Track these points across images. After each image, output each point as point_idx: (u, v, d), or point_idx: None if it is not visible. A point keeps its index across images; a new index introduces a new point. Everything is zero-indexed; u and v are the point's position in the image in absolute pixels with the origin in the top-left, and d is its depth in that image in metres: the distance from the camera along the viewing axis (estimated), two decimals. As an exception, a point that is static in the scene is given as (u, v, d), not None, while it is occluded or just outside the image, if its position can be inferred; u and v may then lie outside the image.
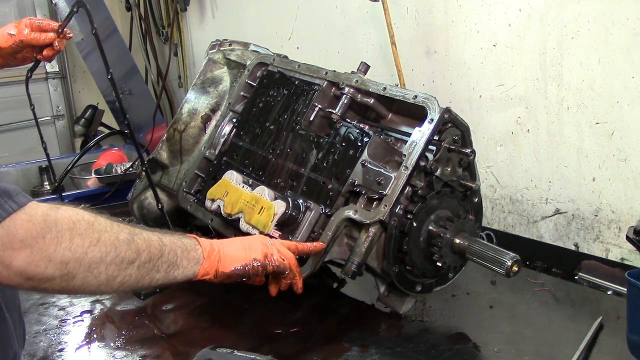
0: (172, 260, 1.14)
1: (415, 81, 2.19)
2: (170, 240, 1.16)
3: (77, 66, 4.19)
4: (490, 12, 1.94)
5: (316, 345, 1.43)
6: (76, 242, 0.97)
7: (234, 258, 1.26)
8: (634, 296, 1.25)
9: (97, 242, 1.00)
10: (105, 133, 3.55)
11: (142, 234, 1.10)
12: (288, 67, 1.74)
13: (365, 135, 1.45)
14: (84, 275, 1.00)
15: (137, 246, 1.07)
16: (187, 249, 1.18)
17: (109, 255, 1.02)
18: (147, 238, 1.10)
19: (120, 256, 1.04)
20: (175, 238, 1.18)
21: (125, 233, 1.06)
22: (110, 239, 1.02)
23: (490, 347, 1.41)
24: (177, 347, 1.47)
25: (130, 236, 1.06)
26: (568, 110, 1.77)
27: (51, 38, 1.70)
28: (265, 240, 1.33)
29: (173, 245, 1.15)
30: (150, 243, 1.10)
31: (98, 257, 1.00)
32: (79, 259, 0.98)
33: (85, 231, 0.99)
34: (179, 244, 1.17)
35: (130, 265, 1.05)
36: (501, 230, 2.01)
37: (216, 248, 1.24)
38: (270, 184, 1.59)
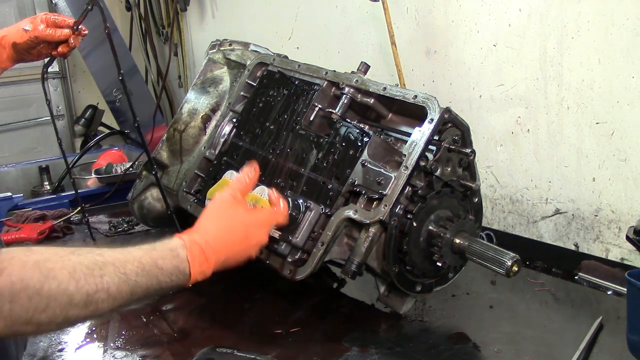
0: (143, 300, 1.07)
1: (415, 81, 2.19)
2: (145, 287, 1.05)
3: (77, 66, 4.19)
4: (490, 12, 1.94)
5: (316, 345, 1.43)
6: (18, 311, 0.90)
7: (228, 258, 1.20)
8: (634, 296, 1.25)
9: (44, 309, 0.92)
10: (105, 133, 3.55)
11: (108, 288, 0.99)
12: (288, 67, 1.74)
13: (365, 135, 1.45)
14: (34, 331, 0.96)
15: (96, 305, 0.98)
16: (164, 289, 1.10)
17: (58, 318, 0.95)
18: (114, 291, 0.99)
19: (73, 315, 0.96)
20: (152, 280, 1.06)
21: (82, 294, 0.95)
22: (61, 304, 0.94)
23: (490, 347, 1.41)
24: (177, 347, 1.47)
25: (87, 298, 0.96)
26: (568, 110, 1.77)
27: (66, 34, 1.70)
28: (252, 226, 1.26)
29: (147, 292, 1.06)
30: (115, 297, 1.00)
31: (46, 320, 0.93)
32: (23, 323, 0.92)
33: (29, 299, 0.90)
34: (155, 288, 1.07)
35: (86, 317, 0.99)
36: (501, 230, 2.01)
37: (204, 254, 1.15)
38: (270, 184, 1.59)
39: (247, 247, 1.25)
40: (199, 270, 1.13)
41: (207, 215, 1.23)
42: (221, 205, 1.26)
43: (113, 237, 2.30)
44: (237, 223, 1.24)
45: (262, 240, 1.29)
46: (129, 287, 1.02)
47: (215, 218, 1.23)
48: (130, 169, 2.76)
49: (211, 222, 1.22)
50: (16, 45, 1.67)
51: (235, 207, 1.26)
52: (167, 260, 1.08)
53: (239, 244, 1.23)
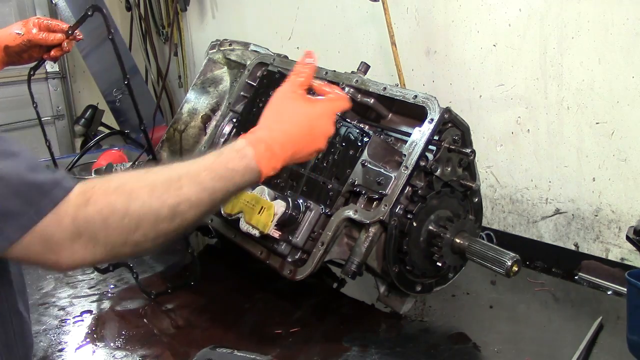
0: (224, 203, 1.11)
1: (415, 81, 2.19)
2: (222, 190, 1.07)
3: (77, 66, 4.19)
4: (490, 12, 1.94)
5: (316, 345, 1.43)
6: (113, 235, 0.96)
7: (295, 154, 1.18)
8: (634, 296, 1.25)
9: (136, 229, 0.98)
10: (105, 133, 3.55)
11: (189, 198, 1.02)
12: (288, 67, 1.74)
13: (365, 135, 1.45)
14: (133, 251, 1.01)
15: (182, 217, 1.02)
16: (240, 188, 1.11)
17: (151, 235, 1.00)
18: (195, 200, 1.03)
19: (163, 230, 1.01)
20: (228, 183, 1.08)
21: (166, 207, 0.99)
22: (150, 221, 0.99)
23: (490, 347, 1.41)
24: (177, 347, 1.47)
25: (172, 211, 1.00)
26: (568, 110, 1.77)
27: (60, 39, 1.69)
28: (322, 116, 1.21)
29: (225, 194, 1.09)
30: (198, 205, 1.03)
31: (141, 239, 0.99)
32: (121, 245, 0.98)
33: (120, 222, 0.96)
34: (232, 189, 1.09)
35: (176, 229, 1.03)
36: (501, 230, 2.01)
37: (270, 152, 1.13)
38: (270, 183, 1.59)
39: (313, 139, 1.20)
40: (268, 165, 1.12)
41: (269, 112, 1.21)
42: (282, 100, 1.22)
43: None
44: (300, 116, 1.20)
45: (328, 131, 1.23)
46: (208, 194, 1.04)
47: (277, 113, 1.21)
48: (130, 169, 2.76)
49: (273, 118, 1.20)
50: (8, 48, 1.66)
51: (296, 100, 1.22)
52: (237, 162, 1.10)
53: (305, 136, 1.19)
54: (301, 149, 1.19)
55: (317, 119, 1.21)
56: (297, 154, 1.18)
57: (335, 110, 1.24)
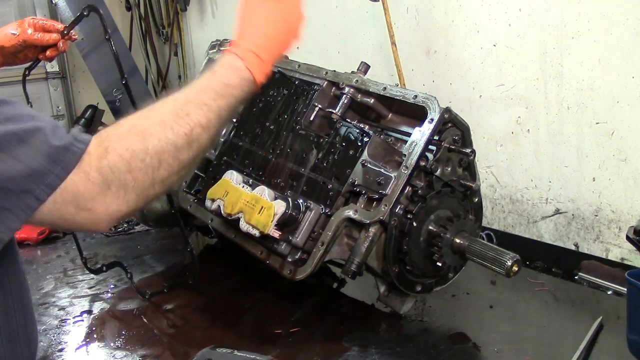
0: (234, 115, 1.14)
1: (415, 81, 2.19)
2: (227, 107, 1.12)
3: (77, 66, 4.19)
4: (490, 12, 1.94)
5: (316, 345, 1.43)
6: (140, 177, 0.98)
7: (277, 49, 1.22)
8: (634, 296, 1.25)
9: (159, 165, 1.00)
10: (105, 133, 3.55)
11: (199, 122, 1.06)
12: (288, 67, 1.74)
13: (365, 135, 1.45)
14: (163, 189, 1.03)
15: (197, 141, 1.05)
16: (243, 99, 1.16)
17: (174, 167, 1.02)
18: (205, 122, 1.07)
19: (185, 159, 1.04)
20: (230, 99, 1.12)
21: (181, 136, 1.03)
22: (170, 153, 1.01)
23: (490, 347, 1.41)
24: (177, 347, 1.47)
25: (187, 138, 1.03)
26: (568, 110, 1.77)
27: (55, 39, 1.69)
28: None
29: (231, 109, 1.13)
30: (208, 127, 1.07)
31: (166, 174, 1.01)
32: (150, 185, 1.00)
33: (142, 162, 0.98)
34: (236, 103, 1.14)
35: (196, 155, 1.06)
36: (501, 230, 2.01)
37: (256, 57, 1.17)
38: (270, 183, 1.59)
39: (290, 33, 1.25)
40: (260, 72, 1.17)
41: (245, 20, 1.25)
42: (249, 3, 1.27)
43: (113, 237, 2.30)
44: (272, 14, 1.25)
45: (300, 18, 1.27)
46: (215, 114, 1.08)
47: (250, 19, 1.25)
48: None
49: (249, 24, 1.24)
50: (3, 49, 1.66)
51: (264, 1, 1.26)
52: (232, 76, 1.14)
53: (283, 32, 1.24)
54: (282, 45, 1.24)
55: (288, 13, 1.26)
56: (280, 50, 1.23)
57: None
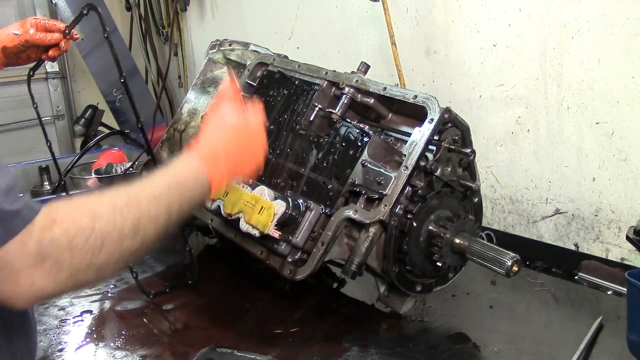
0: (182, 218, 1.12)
1: (415, 81, 2.19)
2: (177, 204, 1.10)
3: (77, 66, 4.19)
4: (490, 12, 1.94)
5: (316, 345, 1.43)
6: (78, 257, 0.94)
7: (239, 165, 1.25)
8: (634, 296, 1.25)
9: (101, 248, 0.96)
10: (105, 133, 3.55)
11: (148, 213, 1.04)
12: (288, 67, 1.74)
13: (365, 135, 1.45)
14: (95, 277, 0.99)
15: (143, 232, 1.02)
16: (194, 203, 1.15)
17: (115, 255, 0.99)
18: (154, 214, 1.04)
19: (127, 248, 1.00)
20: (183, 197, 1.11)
21: (129, 223, 1.00)
22: (114, 238, 0.98)
23: (490, 347, 1.41)
24: (177, 347, 1.47)
25: (134, 226, 1.01)
26: (568, 110, 1.77)
27: (57, 39, 1.69)
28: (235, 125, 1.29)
29: (180, 208, 1.11)
30: (157, 220, 1.05)
31: (104, 260, 0.97)
32: (85, 268, 0.95)
33: (85, 241, 0.94)
34: (186, 204, 1.12)
35: (138, 249, 1.03)
36: (501, 230, 2.01)
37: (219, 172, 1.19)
38: (270, 183, 1.59)
39: (252, 153, 1.28)
40: (216, 178, 1.17)
41: (208, 128, 1.28)
42: (217, 115, 1.30)
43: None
44: (237, 132, 1.27)
45: (263, 138, 1.30)
46: (165, 207, 1.06)
47: (215, 128, 1.28)
48: (130, 169, 2.76)
49: (212, 132, 1.27)
50: (6, 49, 1.66)
51: (230, 113, 1.29)
52: (188, 175, 1.14)
53: (247, 145, 1.27)
54: (242, 161, 1.26)
55: (255, 130, 1.29)
56: (239, 166, 1.25)
57: (261, 117, 1.32)
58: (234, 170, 1.23)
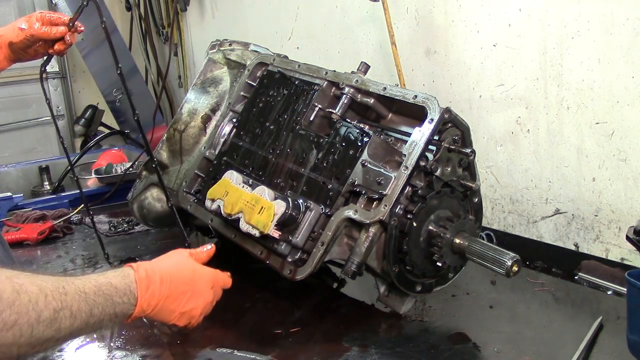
0: (97, 327, 1.09)
1: (415, 81, 2.19)
2: (101, 307, 1.07)
3: (77, 66, 4.19)
4: (490, 12, 1.94)
5: (316, 345, 1.43)
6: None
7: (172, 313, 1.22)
8: (634, 296, 1.25)
9: (12, 326, 0.91)
10: (105, 133, 3.55)
11: (70, 305, 1.01)
12: (288, 67, 1.74)
13: (365, 135, 1.45)
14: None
15: (59, 324, 0.99)
16: (117, 313, 1.11)
17: (23, 337, 0.94)
18: (75, 310, 1.01)
19: (37, 335, 0.96)
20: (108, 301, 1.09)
21: (49, 310, 0.97)
22: (30, 320, 0.94)
23: (490, 347, 1.41)
24: (177, 347, 1.47)
25: (53, 315, 0.97)
26: (568, 110, 1.77)
27: (62, 32, 1.68)
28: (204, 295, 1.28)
29: (103, 314, 1.08)
30: (76, 317, 1.02)
31: (10, 340, 0.92)
32: None
33: (0, 314, 0.90)
34: (109, 311, 1.09)
35: (46, 341, 0.99)
36: (501, 230, 2.01)
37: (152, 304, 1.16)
38: (270, 184, 1.59)
39: (193, 293, 1.23)
40: (145, 292, 1.14)
41: (160, 257, 1.27)
42: (175, 252, 1.30)
43: (113, 237, 2.30)
44: (185, 265, 1.27)
45: (208, 297, 1.27)
46: (88, 307, 1.03)
47: (165, 258, 1.27)
48: (130, 169, 2.76)
49: (162, 259, 1.26)
50: (12, 44, 1.66)
51: (187, 258, 1.29)
52: (119, 279, 1.12)
53: (184, 283, 1.23)
54: (178, 294, 1.21)
55: (199, 276, 1.26)
56: (172, 297, 1.19)
57: (219, 281, 1.31)
58: (167, 296, 1.19)
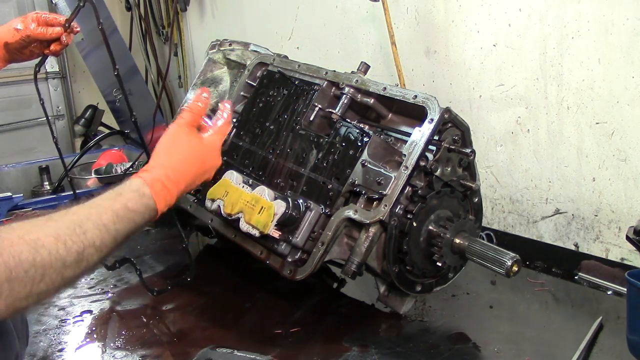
0: (125, 243, 1.12)
1: (415, 81, 2.19)
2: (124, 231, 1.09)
3: (77, 66, 4.19)
4: (490, 12, 1.94)
5: (316, 345, 1.43)
6: (17, 288, 0.91)
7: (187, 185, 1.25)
8: (634, 296, 1.25)
9: (41, 278, 0.94)
10: (105, 133, 3.55)
11: (93, 242, 1.02)
12: (288, 67, 1.74)
13: (365, 135, 1.45)
14: (35, 303, 0.97)
15: (87, 261, 1.01)
16: (140, 226, 1.14)
17: (55, 284, 0.97)
18: (99, 244, 1.03)
19: (68, 277, 0.99)
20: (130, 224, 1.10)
21: (72, 253, 0.98)
22: (56, 269, 0.96)
23: (490, 347, 1.41)
24: (177, 347, 1.47)
25: (78, 257, 0.99)
26: (568, 110, 1.78)
27: (58, 32, 1.67)
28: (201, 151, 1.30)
29: (126, 235, 1.11)
30: (101, 249, 1.04)
31: (44, 288, 0.95)
32: (24, 297, 0.93)
33: (25, 273, 0.92)
34: (133, 229, 1.12)
35: (81, 275, 1.03)
36: (501, 230, 2.01)
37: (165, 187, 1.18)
38: (270, 183, 1.59)
39: (203, 172, 1.30)
40: (164, 203, 1.18)
41: (163, 149, 1.27)
42: (175, 137, 1.29)
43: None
44: (191, 152, 1.28)
45: (216, 164, 1.33)
46: (111, 236, 1.06)
47: (170, 151, 1.27)
48: (130, 169, 2.76)
49: (167, 155, 1.26)
50: (8, 45, 1.65)
51: (188, 136, 1.29)
52: (136, 202, 1.13)
53: (196, 169, 1.28)
54: (192, 181, 1.27)
55: (206, 153, 1.31)
56: (188, 187, 1.27)
57: (220, 140, 1.34)
58: (183, 190, 1.24)
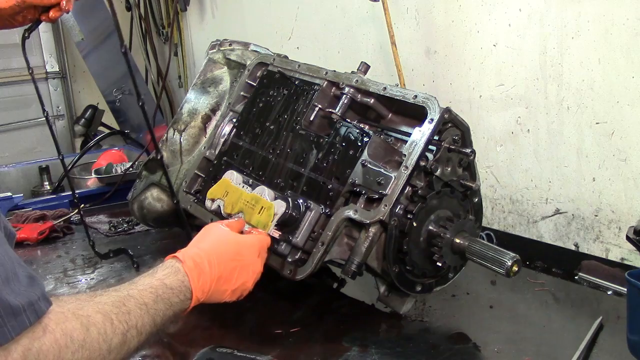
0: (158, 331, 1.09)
1: (415, 81, 2.19)
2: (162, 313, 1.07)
3: (77, 66, 4.19)
4: (490, 12, 1.94)
5: (316, 345, 1.43)
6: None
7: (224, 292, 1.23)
8: (634, 296, 1.25)
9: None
10: (105, 133, 3.56)
11: (136, 324, 0.99)
12: (288, 67, 1.74)
13: (365, 135, 1.45)
14: None
15: (128, 346, 0.98)
16: (175, 313, 1.12)
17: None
18: (141, 326, 1.01)
19: (112, 359, 0.96)
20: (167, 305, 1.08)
21: (118, 335, 0.95)
22: (102, 352, 0.93)
23: (490, 347, 1.41)
24: (177, 347, 1.47)
25: (122, 339, 0.96)
26: (568, 110, 1.78)
27: None
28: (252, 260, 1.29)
29: (163, 320, 1.08)
30: (142, 332, 1.01)
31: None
32: None
33: (72, 355, 0.88)
34: (169, 314, 1.09)
35: (125, 356, 1.00)
36: (501, 230, 2.01)
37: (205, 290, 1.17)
38: (270, 183, 1.59)
39: (242, 267, 1.26)
40: (198, 282, 1.15)
41: (199, 236, 1.28)
42: (212, 227, 1.29)
43: (113, 237, 2.30)
44: (224, 238, 1.27)
45: (257, 267, 1.30)
46: (151, 318, 1.03)
47: (204, 237, 1.26)
48: (130, 169, 2.76)
49: (199, 241, 1.25)
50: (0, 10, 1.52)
51: (222, 229, 1.29)
52: (172, 278, 1.10)
53: (232, 259, 1.24)
54: (229, 273, 1.22)
55: (245, 247, 1.27)
56: (224, 278, 1.21)
57: (262, 245, 1.32)
58: (218, 277, 1.20)
